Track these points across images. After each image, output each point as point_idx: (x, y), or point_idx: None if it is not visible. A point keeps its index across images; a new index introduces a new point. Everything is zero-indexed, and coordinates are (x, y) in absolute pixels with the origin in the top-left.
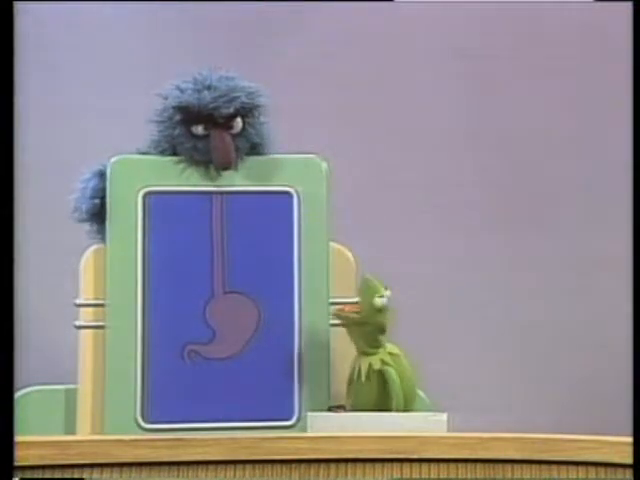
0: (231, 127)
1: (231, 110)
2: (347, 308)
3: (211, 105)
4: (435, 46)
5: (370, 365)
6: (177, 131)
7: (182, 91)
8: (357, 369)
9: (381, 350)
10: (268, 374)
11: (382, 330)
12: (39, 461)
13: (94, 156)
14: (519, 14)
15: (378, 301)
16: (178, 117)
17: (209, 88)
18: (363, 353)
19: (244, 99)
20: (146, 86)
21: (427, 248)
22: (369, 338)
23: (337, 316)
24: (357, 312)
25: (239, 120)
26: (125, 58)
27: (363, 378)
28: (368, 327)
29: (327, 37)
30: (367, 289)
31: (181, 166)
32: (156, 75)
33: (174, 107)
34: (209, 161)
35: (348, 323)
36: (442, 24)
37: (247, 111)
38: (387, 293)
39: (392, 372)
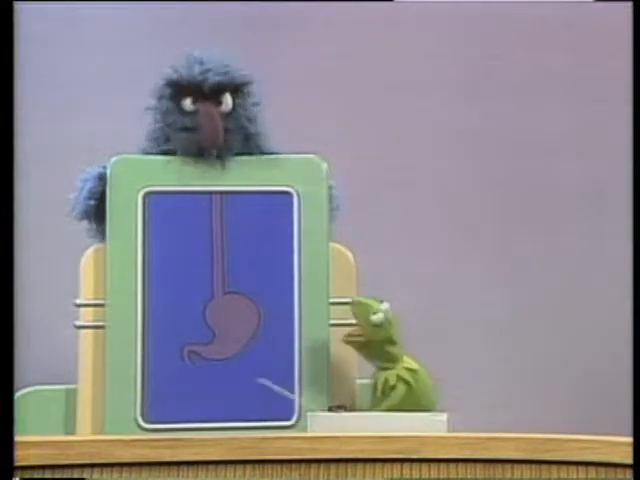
0: (220, 103)
1: (218, 79)
2: (352, 333)
3: (199, 77)
4: (435, 46)
5: (386, 380)
6: (166, 106)
7: (174, 69)
8: (374, 384)
9: (398, 365)
10: (268, 374)
11: (391, 342)
12: (39, 461)
13: (94, 156)
14: (519, 14)
15: (375, 318)
16: (168, 92)
17: (201, 63)
18: (381, 369)
19: (234, 73)
20: (147, 86)
21: (427, 248)
22: (382, 354)
23: (346, 342)
24: (360, 335)
25: (228, 96)
26: (125, 58)
27: (379, 393)
28: (377, 345)
29: (327, 37)
30: (360, 310)
31: (181, 166)
32: (157, 75)
33: (165, 84)
34: (198, 140)
35: (357, 347)
36: (442, 24)
37: (237, 87)
38: (383, 307)
39: (401, 389)
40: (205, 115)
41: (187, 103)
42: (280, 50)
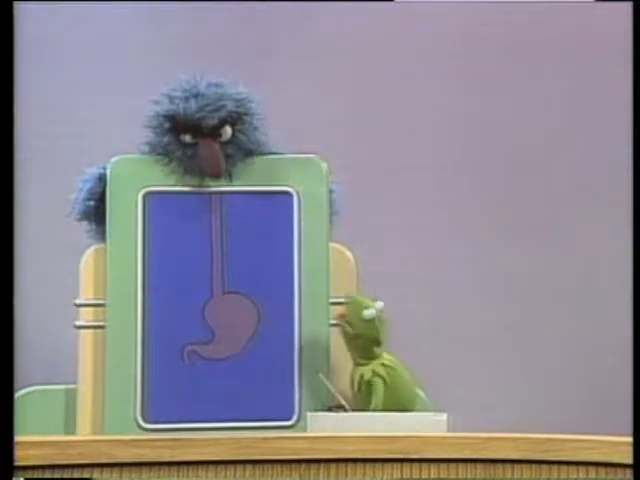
0: (219, 135)
1: (216, 121)
2: (343, 320)
3: (197, 115)
4: (435, 46)
5: (362, 376)
6: (167, 139)
7: (170, 100)
8: (351, 380)
9: (375, 361)
10: (268, 374)
11: (376, 342)
12: (39, 461)
13: (94, 156)
14: (519, 14)
15: (367, 313)
16: (167, 125)
17: (196, 96)
18: (357, 364)
19: (231, 107)
20: (146, 86)
21: (427, 248)
22: (363, 350)
23: (336, 321)
24: (350, 325)
25: (227, 128)
26: (126, 58)
27: (355, 389)
28: (361, 340)
29: (327, 37)
30: (354, 305)
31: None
32: (156, 75)
33: (162, 115)
34: (200, 169)
35: (344, 336)
36: (442, 24)
37: (235, 119)
38: (377, 305)
39: (378, 384)
40: (206, 150)
41: (187, 138)
42: (280, 50)
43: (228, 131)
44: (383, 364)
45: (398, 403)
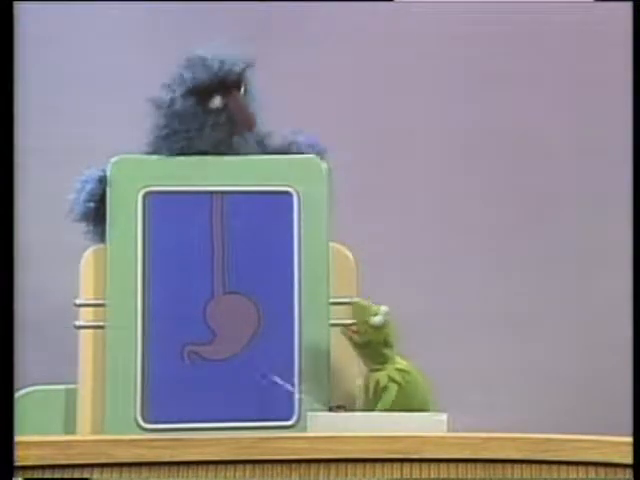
0: (240, 90)
1: (239, 70)
2: (350, 331)
3: (220, 73)
4: (435, 46)
5: (377, 382)
6: (192, 111)
7: (189, 76)
8: (366, 385)
9: (389, 366)
10: (268, 374)
11: (388, 345)
12: (39, 461)
13: (94, 156)
14: (519, 14)
15: (375, 320)
16: (191, 101)
17: (212, 59)
18: (371, 370)
19: (241, 63)
20: (147, 86)
21: (427, 248)
22: (375, 355)
23: (343, 333)
24: (358, 333)
25: (243, 84)
26: (125, 58)
27: (371, 394)
28: (372, 346)
29: (327, 36)
30: (360, 312)
31: (181, 166)
32: (156, 75)
33: (188, 91)
34: (231, 133)
35: (353, 345)
36: (442, 24)
37: (245, 74)
38: (383, 309)
39: (392, 391)
40: (237, 104)
41: (217, 101)
42: (280, 50)
43: (243, 87)
44: (397, 368)
45: (411, 405)
